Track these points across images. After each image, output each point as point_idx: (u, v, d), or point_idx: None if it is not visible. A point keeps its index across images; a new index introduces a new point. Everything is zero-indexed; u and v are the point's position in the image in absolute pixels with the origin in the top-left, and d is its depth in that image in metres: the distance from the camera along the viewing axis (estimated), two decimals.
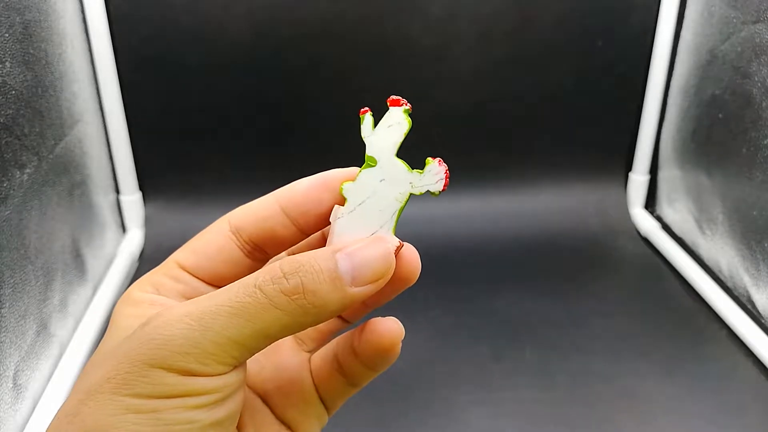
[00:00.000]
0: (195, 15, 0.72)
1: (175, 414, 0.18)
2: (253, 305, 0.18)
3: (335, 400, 0.24)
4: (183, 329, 0.18)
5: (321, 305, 0.19)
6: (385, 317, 0.22)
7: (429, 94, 0.79)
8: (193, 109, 0.77)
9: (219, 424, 0.19)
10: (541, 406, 0.54)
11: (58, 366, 0.55)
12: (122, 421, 0.18)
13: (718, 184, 0.69)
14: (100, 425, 0.18)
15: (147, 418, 0.18)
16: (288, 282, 0.19)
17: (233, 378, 0.19)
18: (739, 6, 0.64)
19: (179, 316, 0.19)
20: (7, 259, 0.48)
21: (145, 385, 0.18)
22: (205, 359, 0.18)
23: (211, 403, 0.19)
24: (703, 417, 0.53)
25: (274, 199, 0.23)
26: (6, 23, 0.50)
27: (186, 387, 0.18)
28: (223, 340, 0.18)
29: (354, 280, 0.19)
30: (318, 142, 0.80)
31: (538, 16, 0.76)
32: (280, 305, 0.18)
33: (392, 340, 0.22)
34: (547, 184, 0.84)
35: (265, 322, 0.18)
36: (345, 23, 0.74)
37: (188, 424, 0.18)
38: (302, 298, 0.19)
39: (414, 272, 0.22)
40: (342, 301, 0.19)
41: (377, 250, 0.20)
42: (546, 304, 0.67)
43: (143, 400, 0.18)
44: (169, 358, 0.18)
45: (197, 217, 0.79)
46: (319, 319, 0.19)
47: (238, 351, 0.19)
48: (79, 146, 0.66)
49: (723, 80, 0.67)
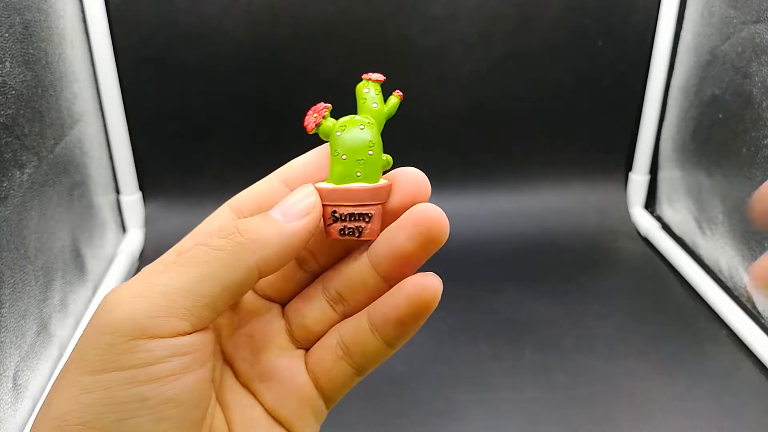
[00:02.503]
0: (195, 15, 0.72)
1: (124, 390, 0.18)
2: (196, 253, 0.19)
3: (338, 391, 0.23)
4: (131, 289, 0.19)
5: (257, 238, 0.19)
6: (420, 273, 0.22)
7: (429, 94, 0.79)
8: (193, 109, 0.77)
9: (175, 401, 0.18)
10: (541, 406, 0.54)
11: (58, 366, 0.55)
12: (78, 403, 0.18)
13: (718, 184, 0.69)
14: (61, 411, 0.18)
15: (99, 397, 0.18)
16: (223, 230, 0.20)
17: (189, 343, 0.19)
18: (739, 6, 0.64)
19: (127, 284, 0.19)
20: (7, 259, 0.48)
21: (95, 358, 0.18)
22: (156, 311, 0.18)
23: (164, 375, 0.18)
24: (703, 417, 0.53)
25: (273, 176, 0.23)
26: (6, 23, 0.50)
27: (136, 356, 0.18)
28: (172, 289, 0.18)
29: (286, 218, 0.20)
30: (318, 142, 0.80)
31: (538, 16, 0.76)
32: (218, 245, 0.19)
33: (433, 293, 0.21)
34: (547, 184, 0.84)
35: (209, 265, 0.19)
36: (345, 23, 0.74)
37: (139, 403, 0.18)
38: (238, 236, 0.19)
39: (420, 191, 0.22)
40: (280, 232, 0.20)
41: (298, 192, 0.21)
42: (546, 303, 0.67)
43: (95, 376, 0.18)
44: (118, 320, 0.18)
45: (197, 217, 0.78)
46: (265, 253, 0.20)
47: (189, 300, 0.18)
48: (79, 146, 0.66)
49: (723, 80, 0.67)
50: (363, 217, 0.21)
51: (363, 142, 0.21)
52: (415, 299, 0.21)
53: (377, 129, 0.22)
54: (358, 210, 0.21)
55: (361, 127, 0.22)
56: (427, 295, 0.21)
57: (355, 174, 0.21)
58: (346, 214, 0.21)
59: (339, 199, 0.21)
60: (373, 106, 0.22)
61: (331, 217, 0.21)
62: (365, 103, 0.23)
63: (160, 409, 0.18)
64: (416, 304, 0.21)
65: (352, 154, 0.21)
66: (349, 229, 0.21)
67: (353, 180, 0.21)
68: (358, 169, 0.21)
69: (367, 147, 0.21)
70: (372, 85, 0.23)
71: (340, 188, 0.21)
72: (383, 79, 0.23)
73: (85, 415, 0.18)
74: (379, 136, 0.22)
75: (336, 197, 0.21)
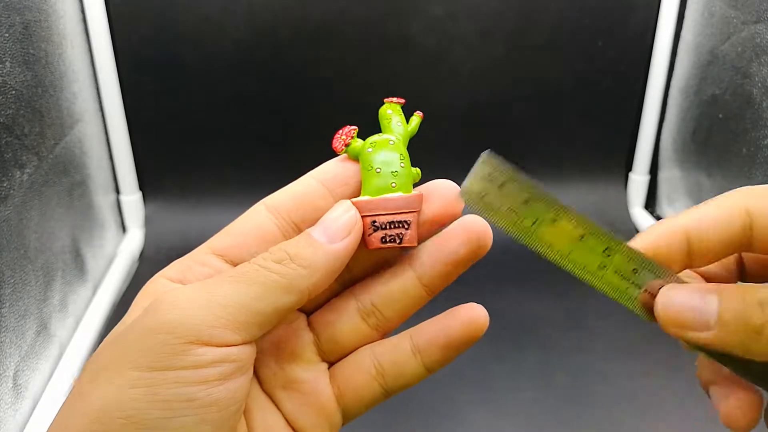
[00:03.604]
0: (195, 15, 0.72)
1: (173, 389, 0.18)
2: (252, 272, 0.20)
3: (361, 409, 0.24)
4: (188, 295, 0.19)
5: (307, 264, 0.20)
6: (468, 305, 0.23)
7: (429, 94, 0.79)
8: (193, 109, 0.77)
9: (218, 406, 0.19)
10: (541, 406, 0.54)
11: (58, 366, 0.55)
12: (122, 396, 0.18)
13: (718, 185, 0.69)
14: (103, 402, 0.18)
15: (145, 392, 0.18)
16: (274, 254, 0.21)
17: (237, 353, 0.19)
18: (740, 6, 0.64)
19: (185, 288, 0.20)
20: (7, 259, 0.48)
21: (145, 355, 0.18)
22: (213, 321, 0.19)
23: (211, 379, 0.19)
24: (703, 417, 0.53)
25: (309, 176, 0.23)
26: (6, 23, 0.50)
27: (187, 358, 0.18)
28: (231, 303, 0.19)
29: (329, 238, 0.21)
30: (318, 142, 0.80)
31: (538, 15, 0.76)
32: (273, 269, 0.20)
33: (485, 321, 0.23)
34: (547, 184, 0.84)
35: (265, 286, 0.20)
36: (345, 23, 0.74)
37: (186, 402, 0.18)
38: (290, 262, 0.20)
39: (452, 201, 0.23)
40: (326, 256, 0.21)
41: (337, 208, 0.22)
42: (546, 304, 0.67)
43: (143, 372, 0.18)
44: (173, 322, 0.19)
45: (197, 217, 0.79)
46: (315, 278, 0.20)
47: (244, 316, 0.19)
48: (79, 146, 0.66)
49: (723, 80, 0.67)
50: (402, 224, 0.22)
51: (395, 156, 0.23)
52: (469, 325, 0.23)
53: (404, 145, 0.23)
54: (397, 218, 0.22)
55: (391, 142, 0.23)
56: (480, 323, 0.23)
57: (391, 185, 0.22)
58: (386, 223, 0.22)
59: (378, 209, 0.22)
60: (397, 125, 0.24)
61: (371, 227, 0.22)
62: (389, 123, 0.24)
63: (205, 411, 0.19)
64: (469, 330, 0.23)
65: (386, 167, 0.23)
66: (390, 236, 0.22)
67: (389, 191, 0.22)
68: (393, 180, 0.22)
69: (399, 160, 0.23)
70: (393, 108, 0.25)
71: (378, 198, 0.22)
72: (404, 101, 0.25)
73: (129, 409, 0.18)
74: (407, 152, 0.23)
75: (375, 207, 0.22)
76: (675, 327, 0.20)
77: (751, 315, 0.18)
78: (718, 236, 0.20)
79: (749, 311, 0.18)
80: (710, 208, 0.20)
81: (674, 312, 0.20)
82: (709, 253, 0.20)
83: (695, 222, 0.20)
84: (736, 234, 0.19)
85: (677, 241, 0.20)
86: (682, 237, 0.20)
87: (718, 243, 0.20)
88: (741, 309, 0.18)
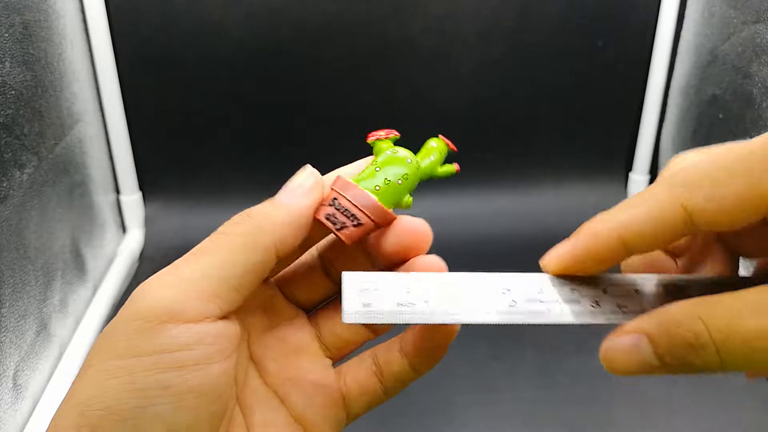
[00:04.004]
0: (195, 15, 0.72)
1: (148, 376, 0.18)
2: (213, 241, 0.20)
3: (361, 407, 0.24)
4: (158, 279, 0.19)
5: (266, 217, 0.21)
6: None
7: (429, 94, 0.79)
8: (193, 109, 0.77)
9: (198, 392, 0.18)
10: (541, 406, 0.54)
11: (58, 366, 0.55)
12: (101, 388, 0.18)
13: None
14: (85, 396, 0.18)
15: (122, 383, 0.18)
16: (234, 219, 0.21)
17: (215, 333, 0.19)
18: (740, 6, 0.64)
19: (156, 275, 0.20)
20: (7, 259, 0.48)
21: (123, 343, 0.18)
22: (182, 296, 0.19)
23: (188, 364, 0.18)
24: (703, 417, 0.53)
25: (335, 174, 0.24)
26: (6, 23, 0.50)
27: (161, 340, 0.18)
28: (197, 275, 0.19)
29: (289, 197, 0.21)
30: (318, 142, 0.80)
31: (538, 16, 0.76)
32: (235, 231, 0.20)
33: (448, 334, 0.23)
34: (547, 184, 0.84)
35: (229, 250, 0.20)
36: (345, 23, 0.74)
37: (161, 389, 0.18)
38: (250, 220, 0.21)
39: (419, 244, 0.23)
40: (288, 210, 0.21)
41: (299, 174, 0.22)
42: None
43: (121, 361, 0.18)
44: (146, 307, 0.19)
45: (197, 217, 0.79)
46: (278, 233, 0.21)
47: (214, 284, 0.19)
48: (79, 146, 0.66)
49: (723, 80, 0.67)
50: (353, 218, 0.22)
51: (400, 171, 0.23)
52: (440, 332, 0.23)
53: (418, 174, 0.23)
54: (354, 211, 0.22)
55: (408, 160, 0.23)
56: (449, 332, 0.23)
57: (374, 187, 0.22)
58: (344, 208, 0.22)
59: (346, 192, 0.22)
60: (431, 157, 0.24)
61: (331, 202, 0.22)
62: (427, 152, 0.25)
63: (181, 398, 0.18)
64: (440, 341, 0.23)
65: (384, 173, 0.23)
66: (336, 219, 0.22)
67: (371, 191, 0.22)
68: (381, 185, 0.22)
69: (401, 176, 0.23)
70: (441, 147, 0.25)
71: (354, 185, 0.22)
72: (455, 149, 0.25)
73: (108, 400, 0.18)
74: (415, 180, 0.23)
75: (345, 188, 0.22)
76: (618, 371, 0.21)
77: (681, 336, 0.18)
78: (656, 236, 0.18)
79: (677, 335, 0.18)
80: (641, 210, 0.18)
81: (615, 361, 0.20)
82: (650, 250, 0.20)
83: (627, 228, 0.19)
84: (677, 231, 0.18)
85: (611, 249, 0.19)
86: (617, 243, 0.19)
87: (660, 242, 0.19)
88: (670, 343, 0.19)
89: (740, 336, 0.17)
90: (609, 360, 0.20)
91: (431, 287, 0.21)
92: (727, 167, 0.17)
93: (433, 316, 0.21)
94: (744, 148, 0.17)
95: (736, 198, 0.17)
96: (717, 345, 0.17)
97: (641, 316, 0.19)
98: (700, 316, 0.17)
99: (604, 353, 0.20)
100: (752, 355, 0.17)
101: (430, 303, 0.21)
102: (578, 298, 0.21)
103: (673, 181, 0.18)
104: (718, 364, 0.17)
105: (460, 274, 0.22)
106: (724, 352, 0.17)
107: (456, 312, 0.21)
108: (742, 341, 0.17)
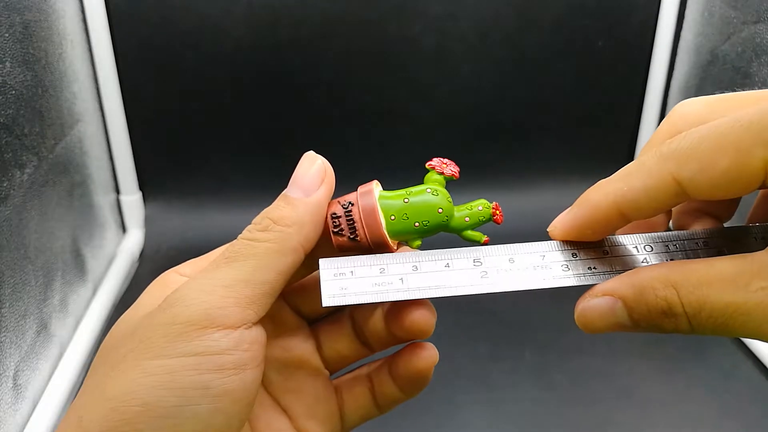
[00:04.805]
0: (195, 15, 0.72)
1: (189, 377, 0.18)
2: (243, 248, 0.21)
3: (356, 420, 0.25)
4: (195, 285, 0.20)
5: (292, 222, 0.21)
6: (424, 343, 0.24)
7: (429, 94, 0.79)
8: (194, 109, 0.77)
9: (232, 396, 0.19)
10: (541, 406, 0.54)
11: (58, 366, 0.55)
12: (139, 385, 0.18)
13: None
14: (119, 392, 0.18)
15: (162, 380, 0.18)
16: (259, 224, 0.21)
17: (250, 339, 0.20)
18: (740, 6, 0.64)
19: (189, 282, 0.20)
20: (7, 259, 0.48)
21: (163, 343, 0.18)
22: (222, 302, 0.19)
23: (227, 367, 0.19)
24: (703, 417, 0.53)
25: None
26: (6, 23, 0.50)
27: (203, 343, 0.19)
28: (230, 281, 0.20)
29: (305, 191, 0.21)
30: (318, 142, 0.80)
31: (538, 16, 0.76)
32: (262, 238, 0.21)
33: (428, 364, 0.24)
34: (547, 184, 0.84)
35: (259, 257, 0.20)
36: (345, 23, 0.74)
37: (202, 389, 0.18)
38: (275, 226, 0.21)
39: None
40: (307, 208, 0.21)
41: (303, 162, 0.22)
42: (545, 304, 0.67)
43: (161, 360, 0.18)
44: (188, 312, 0.19)
45: (197, 217, 0.79)
46: (304, 232, 0.21)
47: (250, 289, 0.20)
48: (79, 146, 0.66)
49: (723, 80, 0.67)
50: (354, 233, 0.22)
51: (423, 216, 0.22)
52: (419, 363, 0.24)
53: (441, 227, 0.23)
54: (358, 228, 0.22)
55: (439, 211, 0.22)
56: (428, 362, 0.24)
57: (391, 217, 0.22)
58: (351, 218, 0.22)
59: (364, 209, 0.22)
60: (466, 219, 0.24)
61: (345, 204, 0.22)
62: (468, 210, 0.24)
63: (219, 400, 0.19)
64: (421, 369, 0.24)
65: (410, 206, 0.22)
66: (338, 222, 0.22)
67: (386, 217, 0.22)
68: (398, 217, 0.22)
69: (421, 221, 0.22)
70: (487, 210, 0.24)
71: (375, 201, 0.22)
72: (500, 222, 0.25)
73: (146, 396, 0.18)
74: (435, 231, 0.23)
75: (366, 205, 0.22)
76: (592, 330, 0.21)
77: (656, 303, 0.19)
78: (651, 206, 0.19)
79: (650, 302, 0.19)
80: (636, 182, 0.19)
81: (590, 322, 0.21)
82: (647, 217, 0.20)
83: (625, 198, 0.20)
84: (670, 200, 0.19)
85: (610, 219, 0.20)
86: (616, 214, 0.20)
87: (655, 211, 0.20)
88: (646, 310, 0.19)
89: (710, 310, 0.18)
90: (584, 320, 0.21)
91: (406, 265, 0.21)
92: (716, 141, 0.18)
93: (409, 292, 0.21)
94: (735, 119, 0.18)
95: (725, 174, 0.17)
96: (689, 316, 0.18)
97: (616, 277, 0.20)
98: (674, 284, 0.18)
99: (580, 313, 0.21)
100: (721, 328, 0.18)
101: (406, 280, 0.21)
102: (549, 264, 0.22)
103: (666, 153, 0.19)
104: (689, 330, 0.18)
105: (433, 251, 0.22)
106: (696, 324, 0.18)
107: (430, 286, 0.21)
108: (710, 315, 0.18)
